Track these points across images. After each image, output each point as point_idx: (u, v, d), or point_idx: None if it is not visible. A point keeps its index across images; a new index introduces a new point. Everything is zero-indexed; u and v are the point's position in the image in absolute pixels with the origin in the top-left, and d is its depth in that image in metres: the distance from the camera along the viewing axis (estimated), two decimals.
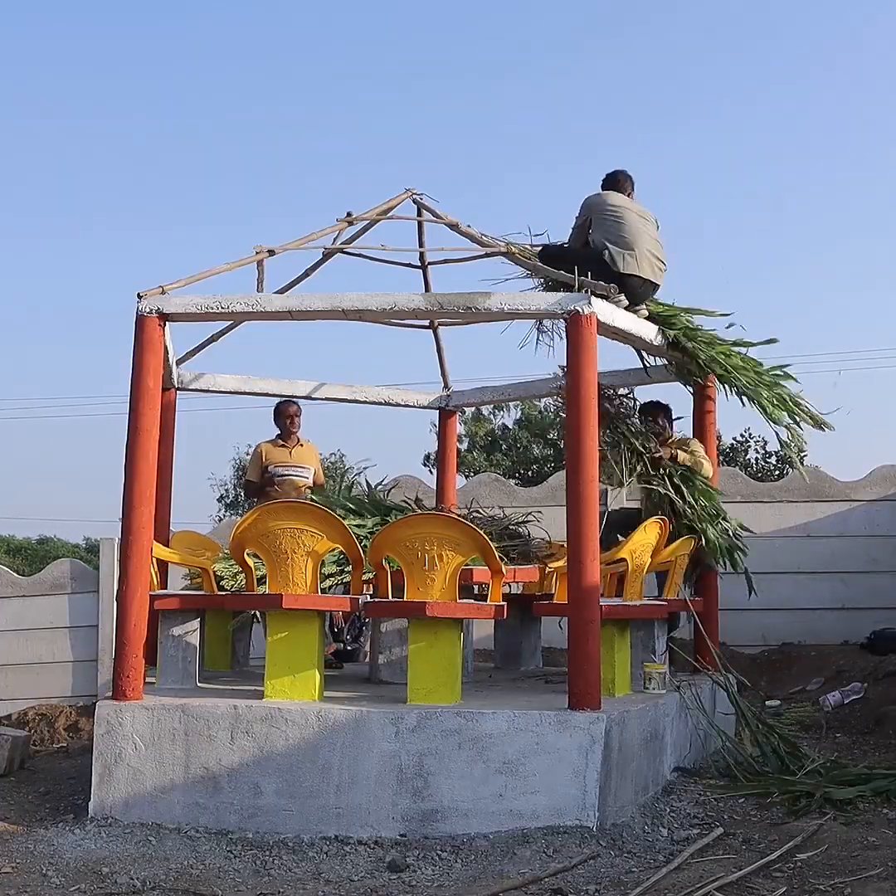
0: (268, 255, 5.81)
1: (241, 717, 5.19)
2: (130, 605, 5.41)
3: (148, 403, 5.50)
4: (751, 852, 4.53)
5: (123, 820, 5.14)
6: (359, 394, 7.82)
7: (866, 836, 4.58)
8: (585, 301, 5.38)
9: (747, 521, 9.16)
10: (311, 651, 5.45)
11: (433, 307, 5.76)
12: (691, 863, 4.40)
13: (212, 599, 6.33)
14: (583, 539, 5.23)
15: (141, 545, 5.46)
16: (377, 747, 5.07)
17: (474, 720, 5.05)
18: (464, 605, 5.49)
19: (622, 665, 5.74)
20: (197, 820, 5.12)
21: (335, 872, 4.55)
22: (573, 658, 5.23)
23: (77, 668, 9.15)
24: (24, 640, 9.22)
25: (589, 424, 5.30)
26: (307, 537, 5.48)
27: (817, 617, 8.94)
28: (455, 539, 5.38)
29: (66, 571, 9.39)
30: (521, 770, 4.99)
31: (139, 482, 5.45)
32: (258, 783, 5.12)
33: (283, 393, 7.68)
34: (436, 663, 5.33)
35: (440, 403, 8.25)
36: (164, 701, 5.36)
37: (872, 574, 8.94)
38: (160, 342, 5.60)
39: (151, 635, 5.79)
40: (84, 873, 4.53)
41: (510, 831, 4.88)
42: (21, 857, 4.73)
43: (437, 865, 4.61)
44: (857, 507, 9.17)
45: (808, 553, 9.11)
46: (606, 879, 4.31)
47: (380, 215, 6.51)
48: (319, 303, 5.66)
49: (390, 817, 5.00)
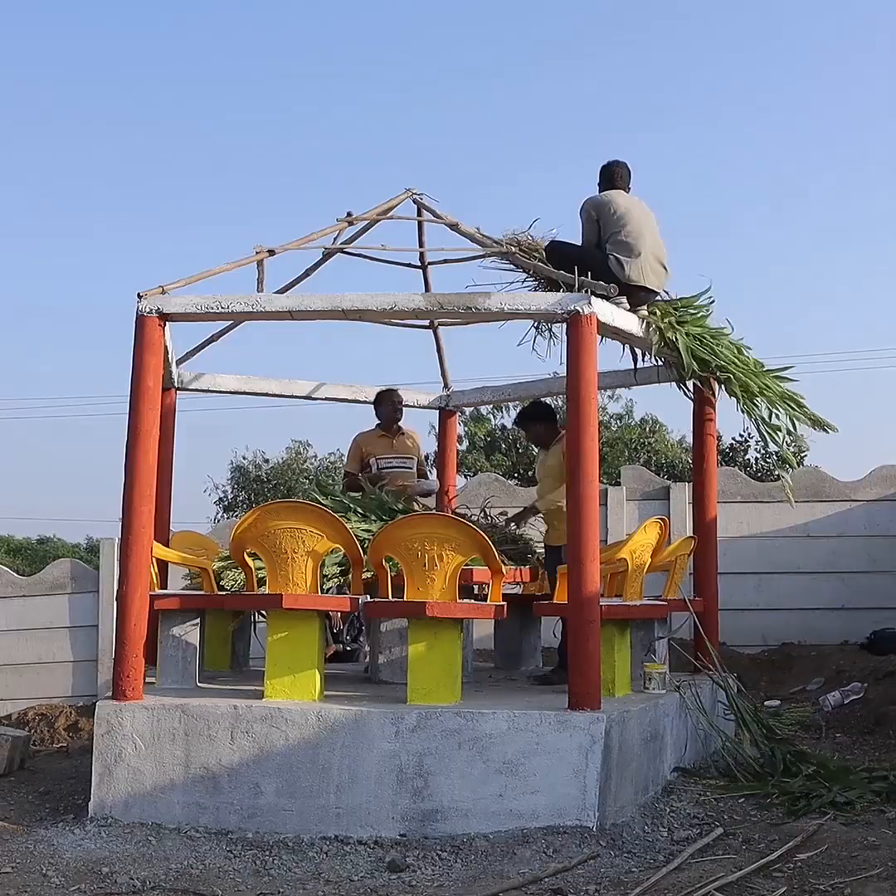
0: (268, 255, 5.81)
1: (241, 716, 5.19)
2: (130, 604, 5.41)
3: (148, 403, 5.50)
4: (751, 852, 4.53)
5: (123, 820, 5.14)
6: (359, 394, 7.82)
7: (866, 837, 4.58)
8: (585, 301, 5.38)
9: (747, 521, 9.24)
10: (311, 651, 5.45)
11: (433, 307, 5.76)
12: (691, 863, 4.40)
13: (212, 599, 6.33)
14: (583, 539, 5.23)
15: (141, 545, 5.46)
16: (377, 747, 5.07)
17: (474, 720, 5.05)
18: (464, 605, 5.49)
19: (622, 665, 5.73)
20: (197, 820, 5.12)
21: (335, 872, 4.56)
22: (573, 658, 5.23)
23: (77, 668, 9.16)
24: (24, 640, 9.23)
25: (589, 424, 5.30)
26: (307, 537, 5.48)
27: (817, 617, 8.94)
28: (455, 539, 5.38)
29: (67, 571, 9.40)
30: (521, 770, 4.99)
31: (139, 482, 5.45)
32: (258, 783, 5.12)
33: (283, 393, 7.68)
34: (436, 663, 5.33)
35: (440, 403, 8.25)
36: (164, 701, 5.36)
37: (872, 574, 8.95)
38: (160, 342, 5.60)
39: (151, 635, 5.79)
40: (84, 873, 4.53)
41: (510, 831, 4.88)
42: (21, 857, 4.73)
43: (436, 865, 4.61)
44: (857, 507, 9.17)
45: (808, 553, 9.12)
46: (606, 879, 4.31)
47: (380, 215, 6.50)
48: (319, 303, 5.66)
49: (390, 817, 5.00)
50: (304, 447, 26.02)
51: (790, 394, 6.40)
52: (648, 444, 21.38)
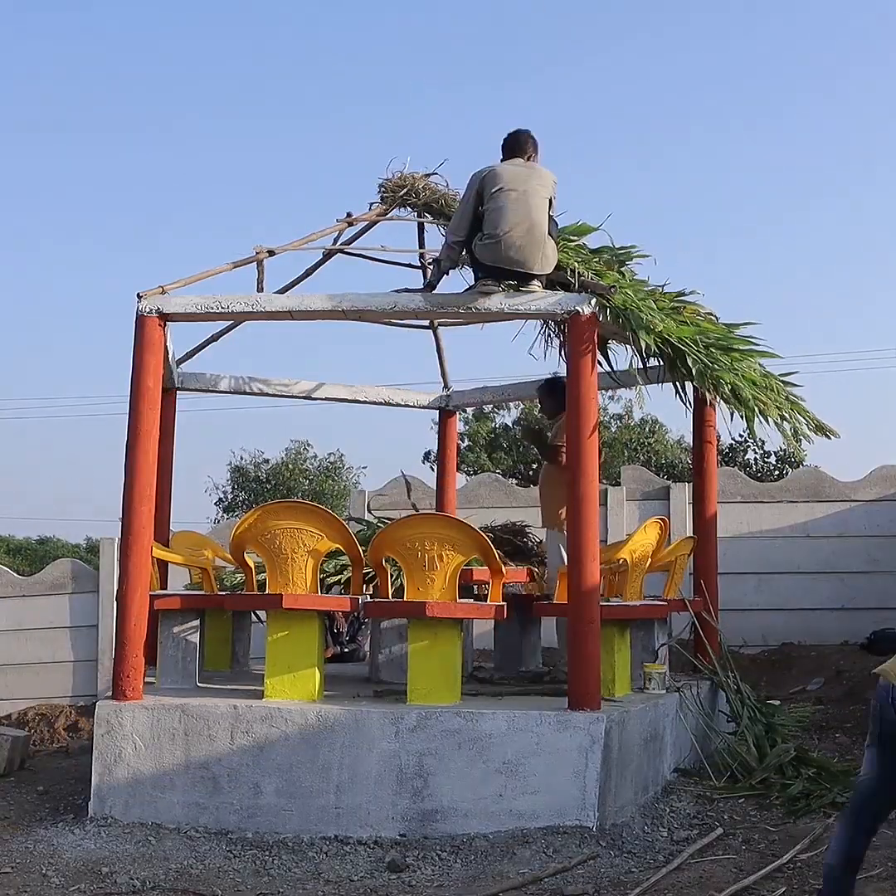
0: (268, 256, 5.81)
1: (241, 716, 5.19)
2: (130, 604, 5.41)
3: (148, 403, 5.50)
4: (751, 853, 4.54)
5: (123, 820, 5.14)
6: (359, 394, 7.81)
7: None
8: (585, 301, 5.39)
9: (747, 521, 9.24)
10: (310, 651, 5.45)
11: (433, 307, 5.76)
12: (691, 863, 4.41)
13: (212, 599, 6.33)
14: (583, 539, 5.24)
15: (141, 545, 5.45)
16: (377, 747, 5.07)
17: (474, 720, 5.05)
18: (464, 605, 5.49)
19: (622, 665, 5.73)
20: (197, 820, 5.12)
21: (335, 872, 4.56)
22: (573, 658, 5.23)
23: (77, 668, 9.16)
24: (24, 640, 9.23)
25: (589, 424, 5.30)
26: (307, 537, 5.48)
27: (817, 617, 8.94)
28: (455, 539, 5.38)
29: (67, 571, 9.40)
30: (520, 770, 4.99)
31: (139, 482, 5.45)
32: (258, 783, 5.12)
33: (283, 393, 7.68)
34: (435, 663, 5.33)
35: (440, 403, 8.25)
36: (163, 701, 5.36)
37: (872, 574, 8.95)
38: (160, 342, 5.60)
39: (151, 635, 5.79)
40: (84, 873, 4.53)
41: (510, 831, 4.88)
42: (21, 857, 4.73)
43: (436, 865, 4.61)
44: (857, 507, 9.17)
45: (808, 553, 9.12)
46: (606, 880, 4.31)
47: (380, 216, 6.51)
48: (319, 303, 5.66)
49: (390, 817, 5.00)
50: (303, 447, 26.03)
51: (794, 398, 6.37)
52: (648, 445, 21.39)
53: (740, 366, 5.94)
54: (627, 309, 5.52)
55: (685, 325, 5.85)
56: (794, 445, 6.41)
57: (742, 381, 5.85)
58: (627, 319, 5.51)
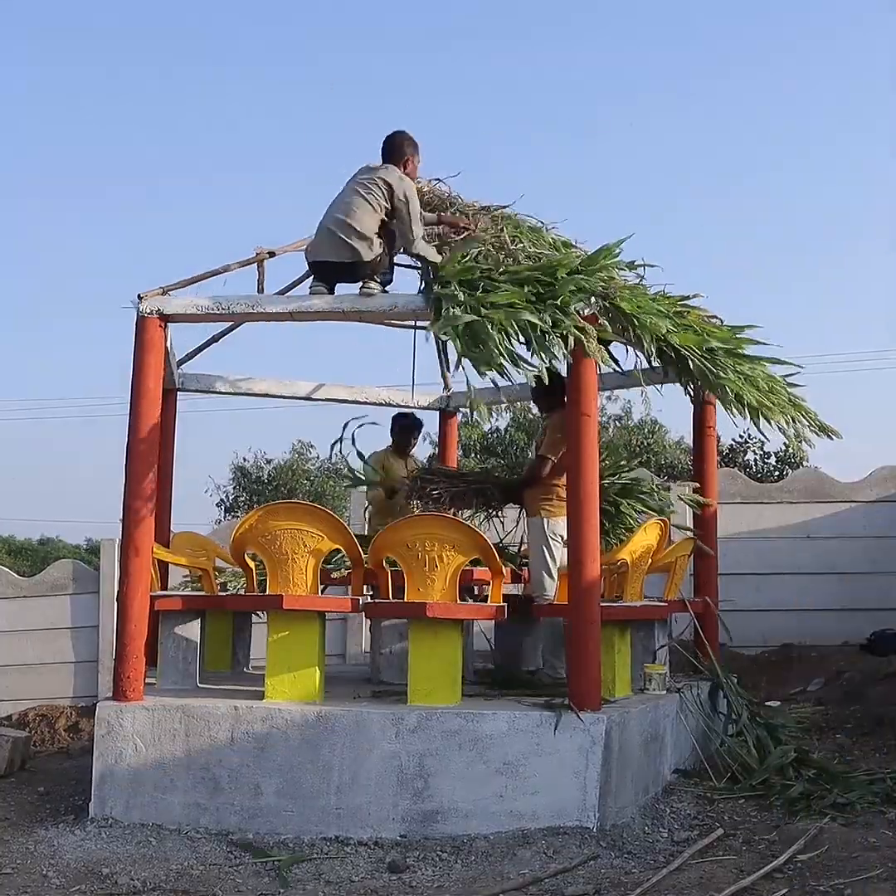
0: (268, 257, 5.81)
1: (241, 717, 5.19)
2: (131, 605, 5.41)
3: (148, 404, 5.50)
4: (751, 853, 4.54)
5: (124, 821, 5.15)
6: (359, 394, 7.81)
7: (866, 838, 4.59)
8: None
9: (748, 522, 9.22)
10: (311, 651, 5.45)
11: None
12: (691, 864, 4.41)
13: (212, 600, 6.34)
14: (583, 540, 5.24)
15: (141, 546, 5.46)
16: (377, 748, 5.07)
17: (474, 721, 5.06)
18: (464, 605, 5.49)
19: (622, 666, 5.74)
20: (197, 821, 5.12)
21: (335, 873, 4.56)
22: (573, 659, 5.23)
23: (78, 669, 9.15)
24: (24, 640, 9.22)
25: (589, 426, 5.30)
26: (308, 538, 5.49)
27: (817, 617, 8.94)
28: (455, 540, 5.39)
29: (67, 572, 9.39)
30: (521, 771, 4.99)
31: (139, 482, 5.45)
32: (258, 784, 5.12)
33: (283, 393, 7.68)
34: (436, 664, 5.33)
35: (440, 404, 8.25)
36: (164, 701, 5.37)
37: (872, 574, 8.95)
38: (161, 343, 5.60)
39: (152, 636, 5.79)
40: (84, 874, 4.53)
41: (510, 832, 4.89)
42: (21, 858, 4.73)
43: (437, 866, 4.61)
44: (857, 507, 9.17)
45: (809, 553, 9.12)
46: (606, 880, 4.31)
47: None
48: (319, 303, 5.66)
49: (390, 818, 5.00)
50: (306, 448, 26.01)
51: (797, 399, 6.38)
52: (647, 446, 21.39)
53: (744, 369, 5.96)
54: (632, 313, 5.52)
55: (690, 329, 5.84)
56: (798, 448, 6.43)
57: (747, 385, 5.88)
58: (633, 324, 5.52)
